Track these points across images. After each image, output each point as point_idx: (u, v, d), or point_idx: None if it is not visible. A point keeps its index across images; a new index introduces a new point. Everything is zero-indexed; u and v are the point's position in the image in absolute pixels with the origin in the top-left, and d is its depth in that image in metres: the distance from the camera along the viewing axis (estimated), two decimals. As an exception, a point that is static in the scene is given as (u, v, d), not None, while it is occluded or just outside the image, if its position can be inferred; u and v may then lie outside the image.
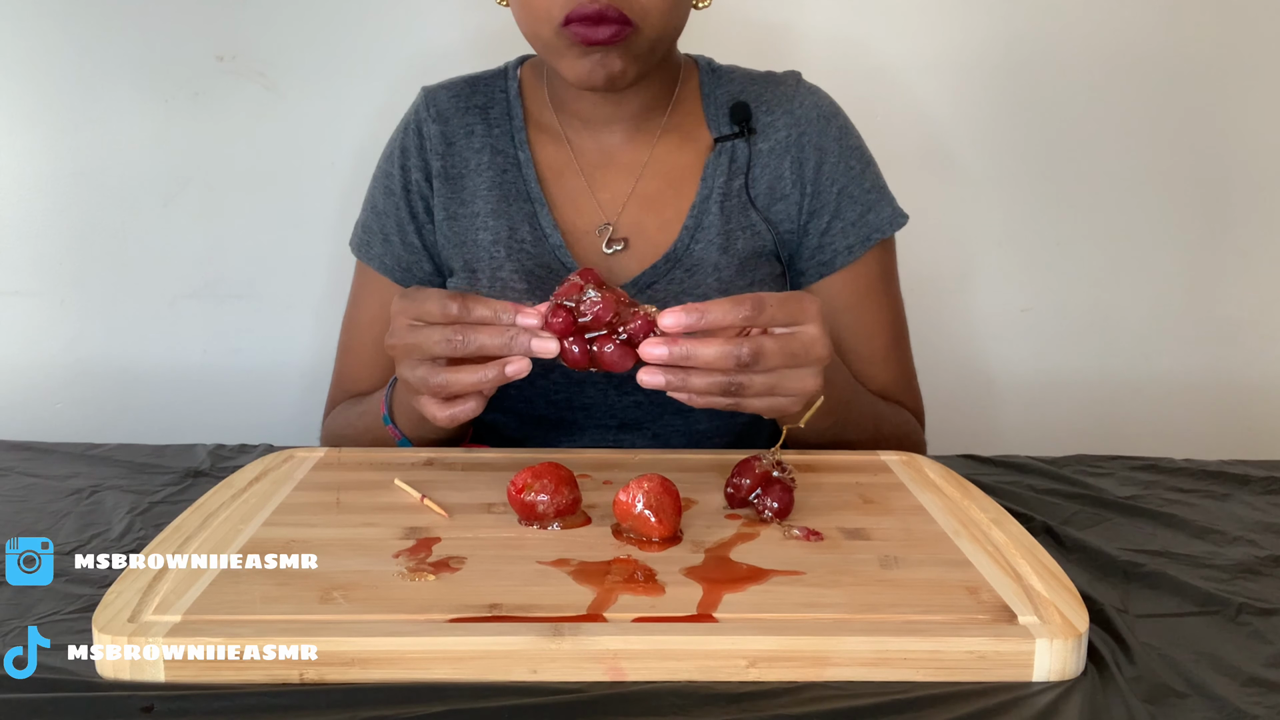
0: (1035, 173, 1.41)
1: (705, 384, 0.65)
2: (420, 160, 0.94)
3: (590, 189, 0.92)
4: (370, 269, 0.96)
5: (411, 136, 0.94)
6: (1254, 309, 1.45)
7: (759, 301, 0.65)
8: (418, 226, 0.94)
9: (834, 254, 0.91)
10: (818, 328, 0.67)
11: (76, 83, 1.32)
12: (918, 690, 0.50)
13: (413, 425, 0.83)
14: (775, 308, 0.66)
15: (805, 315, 0.67)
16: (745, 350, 0.64)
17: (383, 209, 0.95)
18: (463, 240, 0.92)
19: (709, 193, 0.90)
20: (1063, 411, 1.46)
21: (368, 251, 0.96)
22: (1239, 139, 1.39)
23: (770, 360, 0.65)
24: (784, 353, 0.66)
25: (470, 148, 0.93)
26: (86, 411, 1.39)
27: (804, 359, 0.67)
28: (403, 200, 0.94)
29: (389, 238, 0.95)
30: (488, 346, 0.66)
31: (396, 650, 0.51)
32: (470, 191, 0.92)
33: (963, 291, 1.44)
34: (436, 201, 0.93)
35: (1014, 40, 1.36)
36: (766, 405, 0.68)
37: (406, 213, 0.94)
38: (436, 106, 0.94)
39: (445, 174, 0.93)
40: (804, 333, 0.67)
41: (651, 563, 0.60)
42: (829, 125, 0.92)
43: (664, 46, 0.85)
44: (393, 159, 0.95)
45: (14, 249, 1.36)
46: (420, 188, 0.93)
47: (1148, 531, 0.72)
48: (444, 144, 0.93)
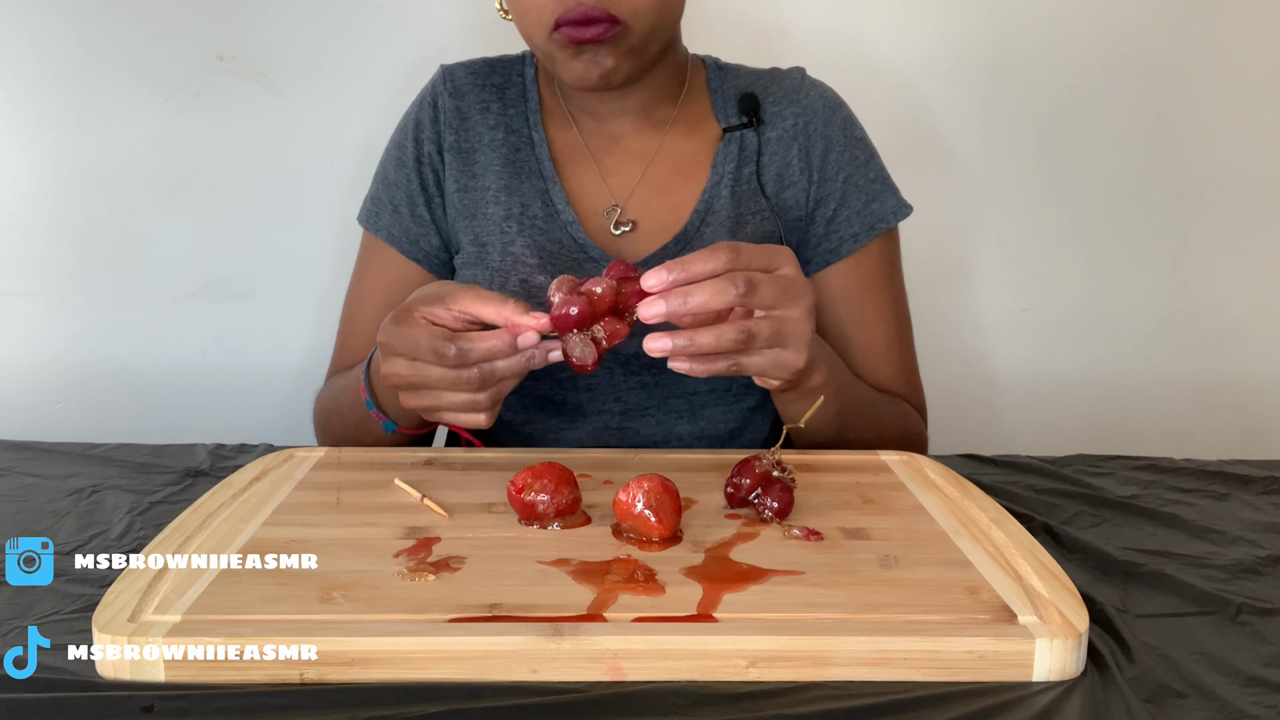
0: (1036, 172, 1.41)
1: (712, 338, 0.65)
2: (434, 133, 0.94)
3: (600, 173, 0.93)
4: (377, 240, 0.96)
5: (426, 110, 0.95)
6: (1254, 309, 1.45)
7: (734, 247, 0.66)
8: (427, 199, 0.94)
9: (840, 241, 0.92)
10: (794, 269, 0.69)
11: (76, 83, 1.32)
12: (918, 690, 0.50)
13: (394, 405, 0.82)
14: (751, 252, 0.67)
15: (780, 258, 0.68)
16: (740, 281, 0.64)
17: (394, 180, 0.96)
18: (473, 214, 0.92)
19: (720, 178, 0.91)
20: (1063, 411, 1.46)
21: (376, 222, 0.96)
22: (1239, 139, 1.39)
23: (765, 292, 0.66)
24: (776, 286, 0.67)
25: (485, 124, 0.94)
26: (86, 411, 1.39)
27: (794, 294, 0.68)
28: (414, 172, 0.94)
29: (398, 209, 0.95)
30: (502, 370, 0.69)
31: (396, 650, 0.51)
32: (482, 166, 0.93)
33: (963, 291, 1.44)
34: (448, 174, 0.94)
35: (1014, 40, 1.36)
36: (770, 359, 0.68)
37: (417, 184, 0.94)
38: (454, 82, 0.95)
39: (458, 147, 0.94)
40: (785, 274, 0.68)
41: (651, 563, 0.60)
42: (834, 115, 0.93)
43: (658, 42, 0.85)
44: (406, 131, 0.96)
45: (14, 249, 1.36)
46: (432, 160, 0.94)
47: (1148, 531, 0.72)
48: (458, 118, 0.94)
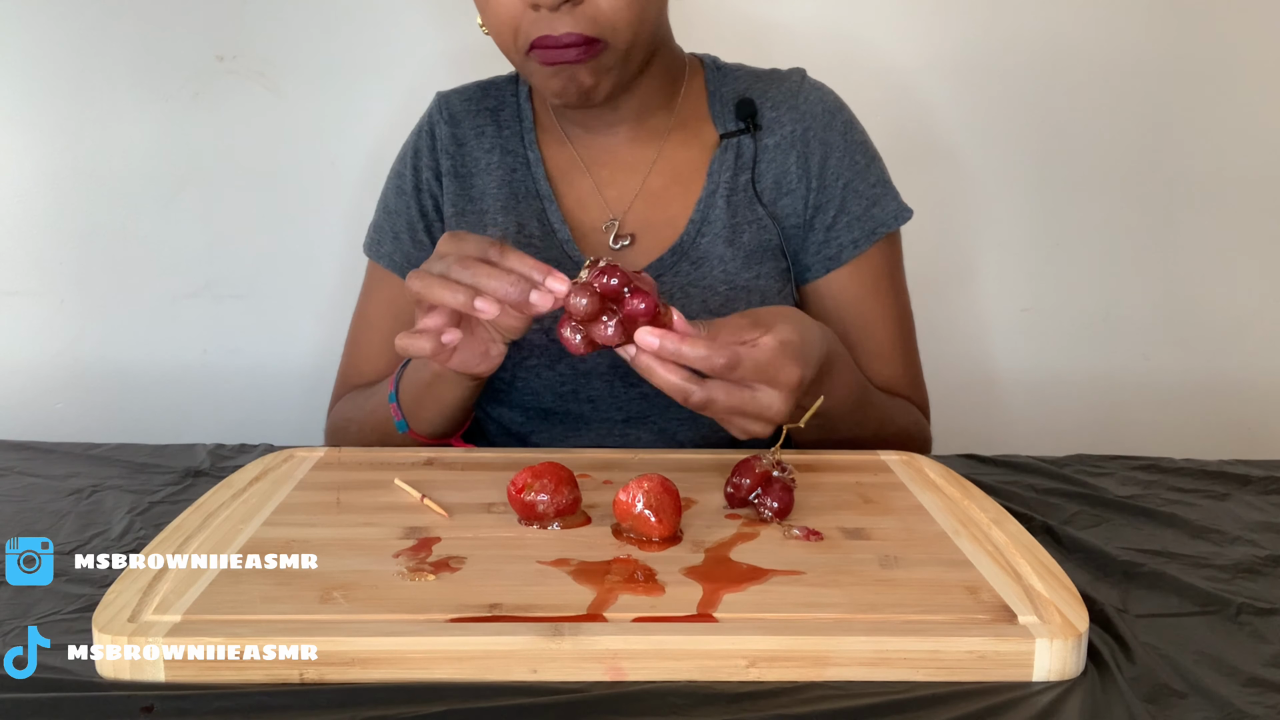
0: (1036, 173, 1.40)
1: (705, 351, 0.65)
2: (432, 160, 0.97)
3: (597, 187, 0.93)
4: (380, 267, 0.99)
5: (424, 138, 0.98)
6: (1254, 309, 1.45)
7: (735, 357, 0.66)
8: (427, 224, 0.97)
9: (840, 248, 0.91)
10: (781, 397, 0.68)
11: (76, 83, 1.32)
12: (918, 690, 0.50)
13: (415, 405, 0.84)
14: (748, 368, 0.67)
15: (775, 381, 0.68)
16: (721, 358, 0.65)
17: (394, 208, 0.98)
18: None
19: (715, 187, 0.91)
20: (1063, 411, 1.46)
21: (378, 249, 0.99)
22: (1239, 139, 1.39)
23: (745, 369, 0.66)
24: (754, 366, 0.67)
25: (481, 148, 0.96)
26: (86, 411, 1.39)
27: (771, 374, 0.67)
28: (414, 199, 0.97)
29: (399, 235, 0.98)
30: (485, 285, 0.66)
31: (396, 650, 0.51)
32: (480, 190, 0.95)
33: (963, 291, 1.44)
34: (446, 198, 0.96)
35: (1014, 40, 1.36)
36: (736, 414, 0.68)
37: (417, 211, 0.97)
38: (449, 109, 0.98)
39: (455, 172, 0.96)
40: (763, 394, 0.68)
41: (651, 563, 0.60)
42: (834, 120, 0.93)
43: (638, 57, 0.84)
44: (405, 160, 0.99)
45: (14, 249, 1.36)
46: (430, 186, 0.97)
47: (1148, 531, 0.72)
48: (455, 144, 0.96)
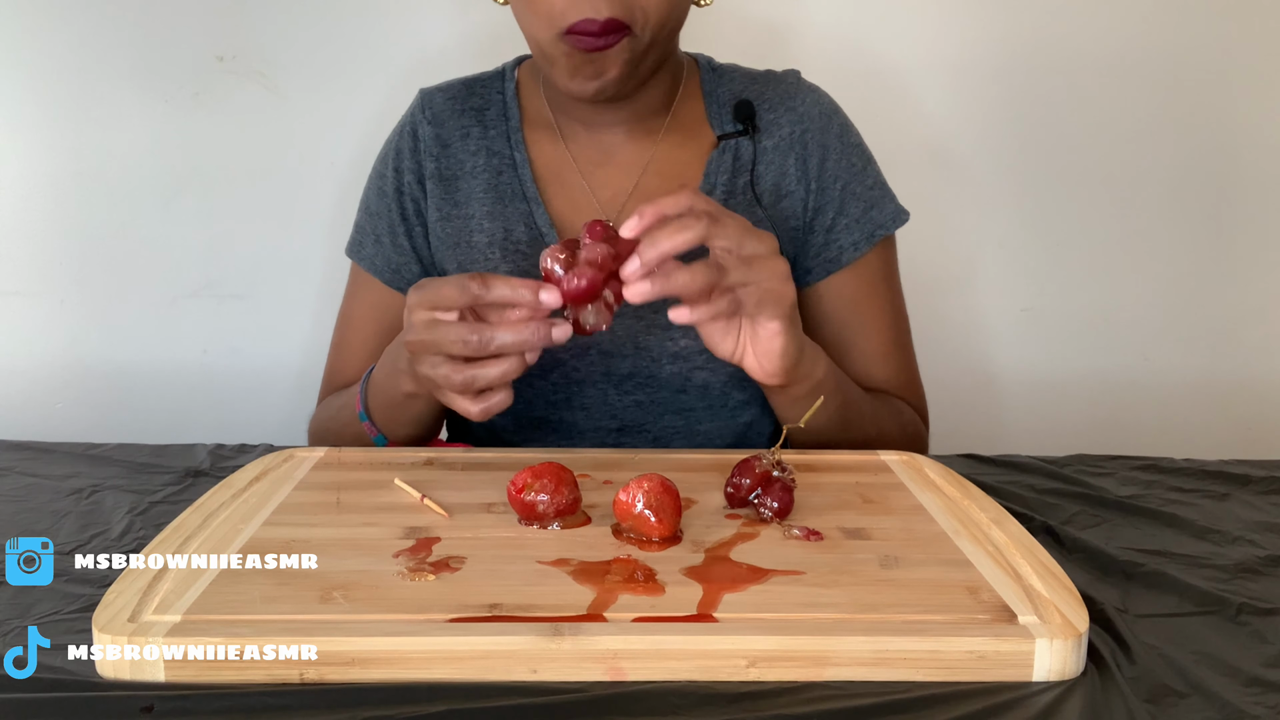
0: (1035, 173, 1.41)
1: (687, 275, 0.66)
2: (414, 163, 0.94)
3: (590, 188, 0.92)
4: (362, 269, 0.96)
5: (406, 139, 0.95)
6: (1254, 309, 1.45)
7: (695, 190, 0.68)
8: (408, 229, 0.94)
9: (840, 250, 0.91)
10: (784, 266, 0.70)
11: (76, 83, 1.32)
12: (918, 690, 0.50)
13: (387, 420, 0.83)
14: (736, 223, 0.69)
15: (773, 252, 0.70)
16: (703, 216, 0.66)
17: (375, 210, 0.96)
18: (456, 242, 0.92)
19: (711, 189, 0.91)
20: (1063, 411, 1.46)
21: (360, 252, 0.96)
22: (1239, 139, 1.39)
23: (728, 226, 0.68)
24: (737, 224, 0.69)
25: (466, 150, 0.93)
26: (86, 411, 1.39)
27: (756, 234, 0.69)
28: (394, 202, 0.94)
29: (380, 238, 0.95)
30: (506, 345, 0.67)
31: (396, 650, 0.51)
32: (465, 193, 0.93)
33: (963, 291, 1.44)
34: (430, 203, 0.93)
35: (1014, 41, 1.36)
36: (757, 296, 0.70)
37: (398, 214, 0.94)
38: (432, 109, 0.95)
39: (439, 175, 0.93)
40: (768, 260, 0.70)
41: (651, 563, 0.60)
42: (830, 123, 0.93)
43: (658, 51, 0.84)
44: (387, 161, 0.96)
45: (14, 249, 1.36)
46: (412, 190, 0.94)
47: (1148, 531, 0.72)
48: (439, 146, 0.93)
